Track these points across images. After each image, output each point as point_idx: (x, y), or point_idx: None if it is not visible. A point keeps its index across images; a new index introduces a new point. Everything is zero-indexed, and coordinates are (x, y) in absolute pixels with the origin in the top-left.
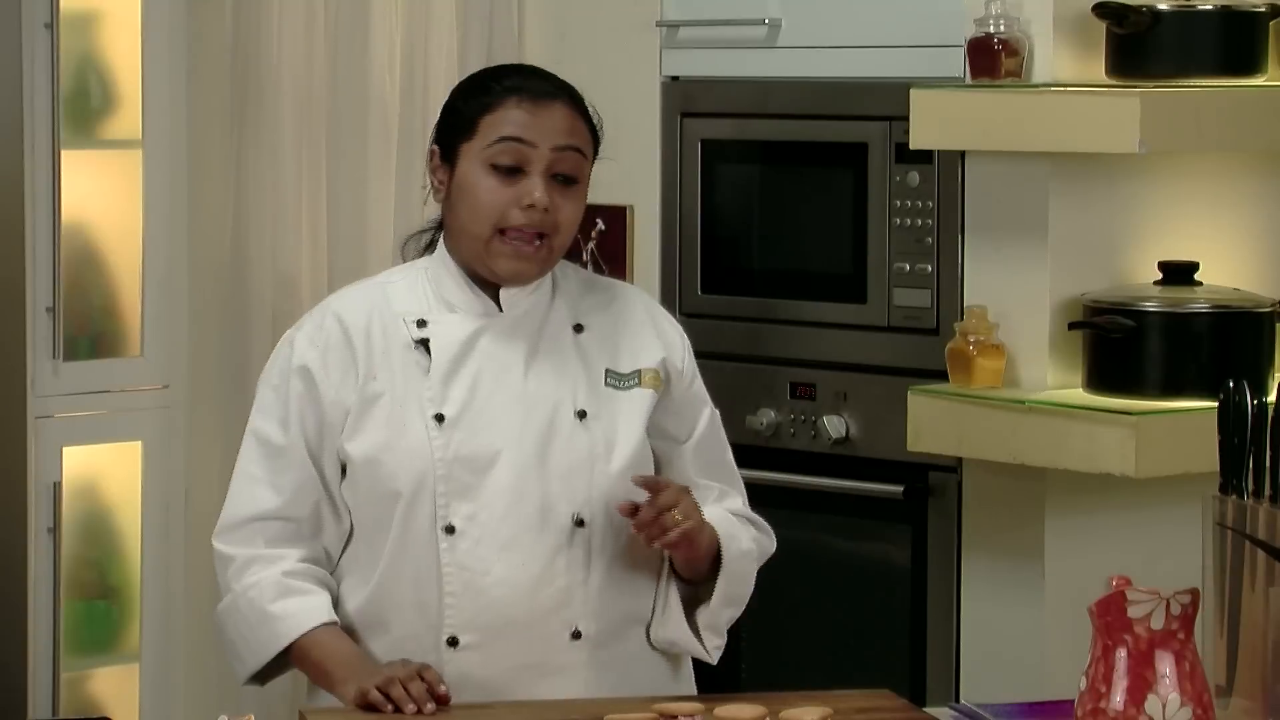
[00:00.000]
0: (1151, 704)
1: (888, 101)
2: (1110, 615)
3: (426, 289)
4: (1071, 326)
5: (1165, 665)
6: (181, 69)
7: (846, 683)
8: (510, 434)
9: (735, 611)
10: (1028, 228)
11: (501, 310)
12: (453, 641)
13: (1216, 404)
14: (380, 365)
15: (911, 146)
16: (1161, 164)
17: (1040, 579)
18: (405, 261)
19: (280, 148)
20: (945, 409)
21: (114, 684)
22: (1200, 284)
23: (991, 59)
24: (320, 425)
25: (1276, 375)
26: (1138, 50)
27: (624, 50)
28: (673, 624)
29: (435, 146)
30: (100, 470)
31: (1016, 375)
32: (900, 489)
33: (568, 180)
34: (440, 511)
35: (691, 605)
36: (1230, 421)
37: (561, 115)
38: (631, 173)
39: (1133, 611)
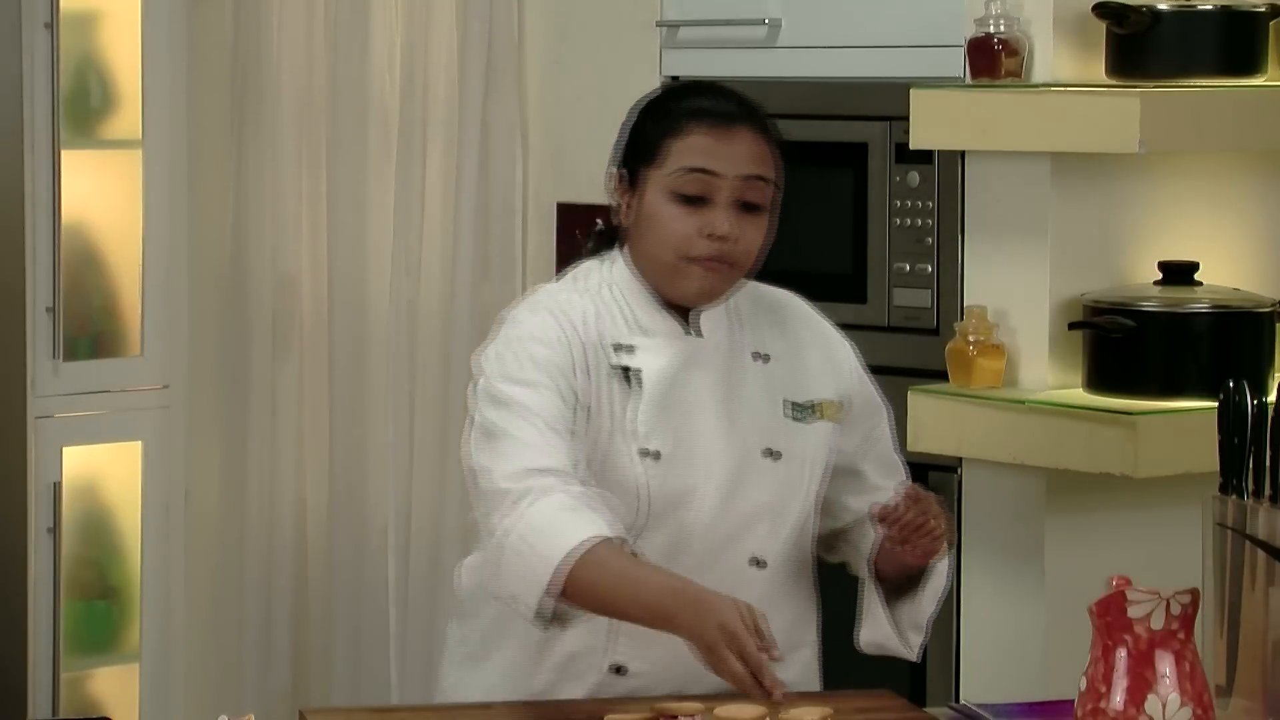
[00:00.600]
0: (1151, 704)
1: (888, 101)
2: (1110, 615)
3: (615, 310)
4: (1071, 326)
5: (1165, 665)
6: (181, 69)
7: (846, 683)
8: (710, 471)
9: (936, 609)
10: (1028, 228)
11: (693, 334)
12: (619, 669)
13: (1216, 404)
14: (591, 387)
15: (911, 146)
16: (1161, 164)
17: (1040, 579)
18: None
19: (280, 148)
20: (945, 409)
21: (114, 684)
22: (1200, 284)
23: (991, 59)
24: (569, 389)
25: (1276, 375)
26: (1138, 50)
27: (624, 50)
28: (880, 628)
29: (619, 170)
30: (100, 470)
31: (1016, 375)
32: None
33: (753, 208)
34: (635, 541)
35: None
36: (1230, 421)
37: (748, 142)
38: None
39: (1133, 611)
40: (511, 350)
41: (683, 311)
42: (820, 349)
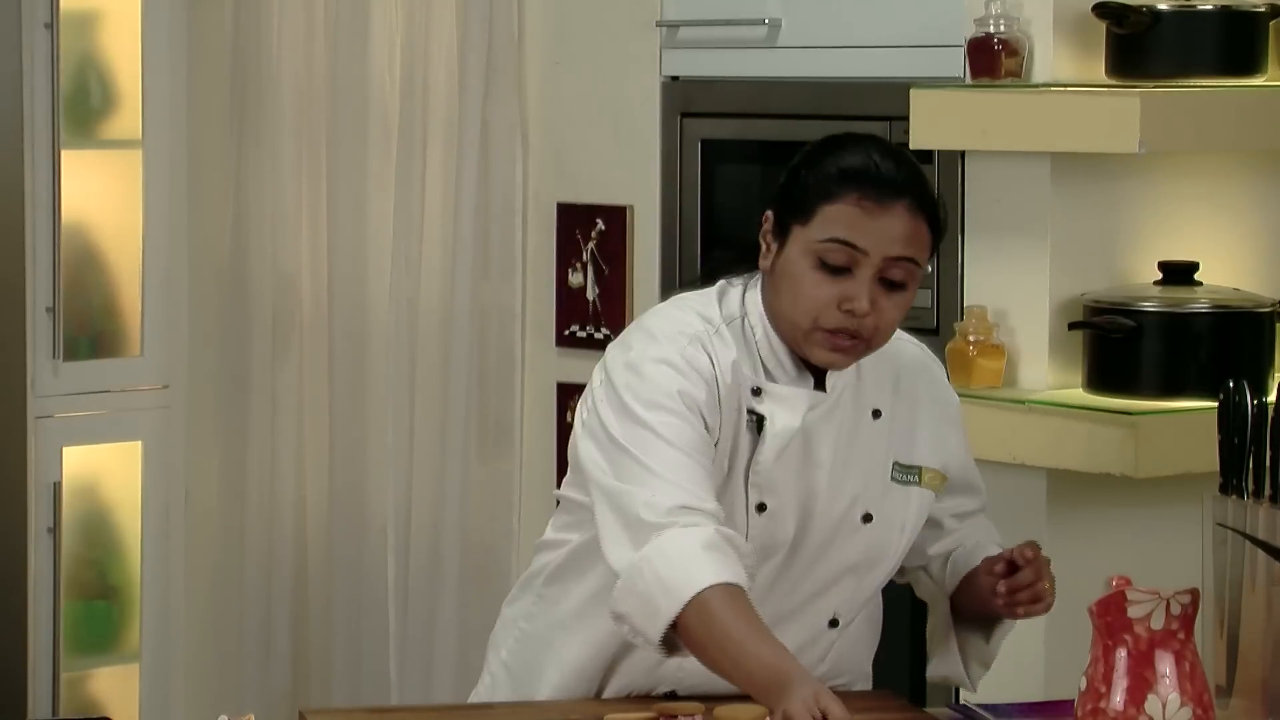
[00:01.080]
0: (1151, 704)
1: (888, 101)
2: (1110, 615)
3: (753, 349)
4: (1071, 326)
5: (1165, 665)
6: (181, 69)
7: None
8: (804, 524)
9: (1000, 648)
10: (1028, 228)
11: (822, 389)
12: (671, 695)
13: (1216, 404)
14: (723, 423)
15: (911, 146)
16: (1161, 164)
17: None
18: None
19: (280, 148)
20: None
21: (114, 684)
22: (1200, 284)
23: (991, 59)
24: (705, 423)
25: (1276, 375)
26: (1138, 50)
27: (624, 50)
28: (952, 663)
29: (771, 214)
30: (100, 470)
31: (1016, 375)
32: None
33: (896, 285)
34: None
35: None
36: (1230, 421)
37: (901, 221)
38: (631, 173)
39: (1133, 611)
40: (649, 371)
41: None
42: (935, 415)
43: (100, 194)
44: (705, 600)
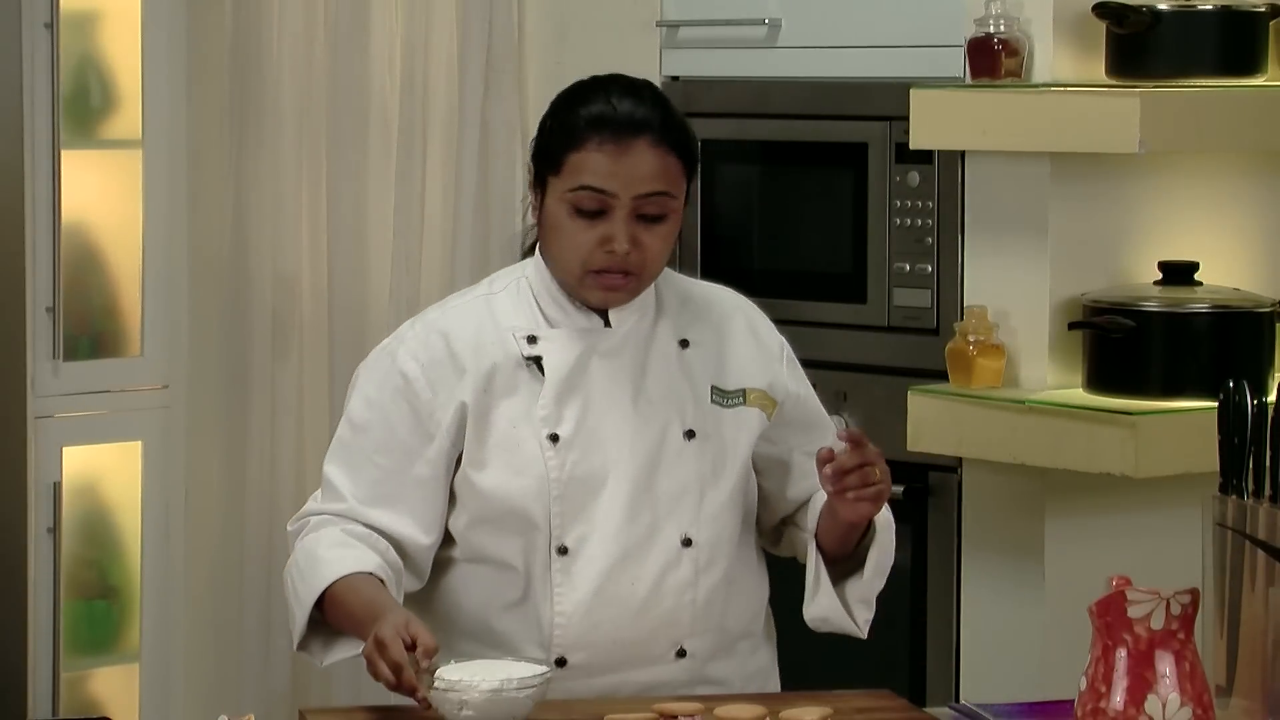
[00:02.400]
0: (1151, 704)
1: (888, 101)
2: (1110, 615)
3: (532, 301)
4: (1071, 326)
5: (1165, 665)
6: (181, 69)
7: (846, 683)
8: (621, 454)
9: (882, 582)
10: (1028, 228)
11: (608, 325)
12: (561, 662)
13: (1216, 404)
14: (493, 381)
15: (911, 146)
16: (1161, 164)
17: (1040, 579)
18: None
19: (280, 147)
20: (945, 409)
21: (114, 684)
22: (1200, 284)
23: (991, 59)
24: (413, 430)
25: (1276, 375)
26: (1138, 50)
27: (624, 50)
28: (826, 601)
29: (530, 165)
30: (100, 470)
31: (1016, 375)
32: (900, 489)
33: (654, 218)
34: (555, 532)
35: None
36: (1230, 421)
37: (646, 158)
38: None
39: (1133, 611)
40: (366, 395)
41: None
42: (751, 342)
43: (100, 194)
44: (338, 588)
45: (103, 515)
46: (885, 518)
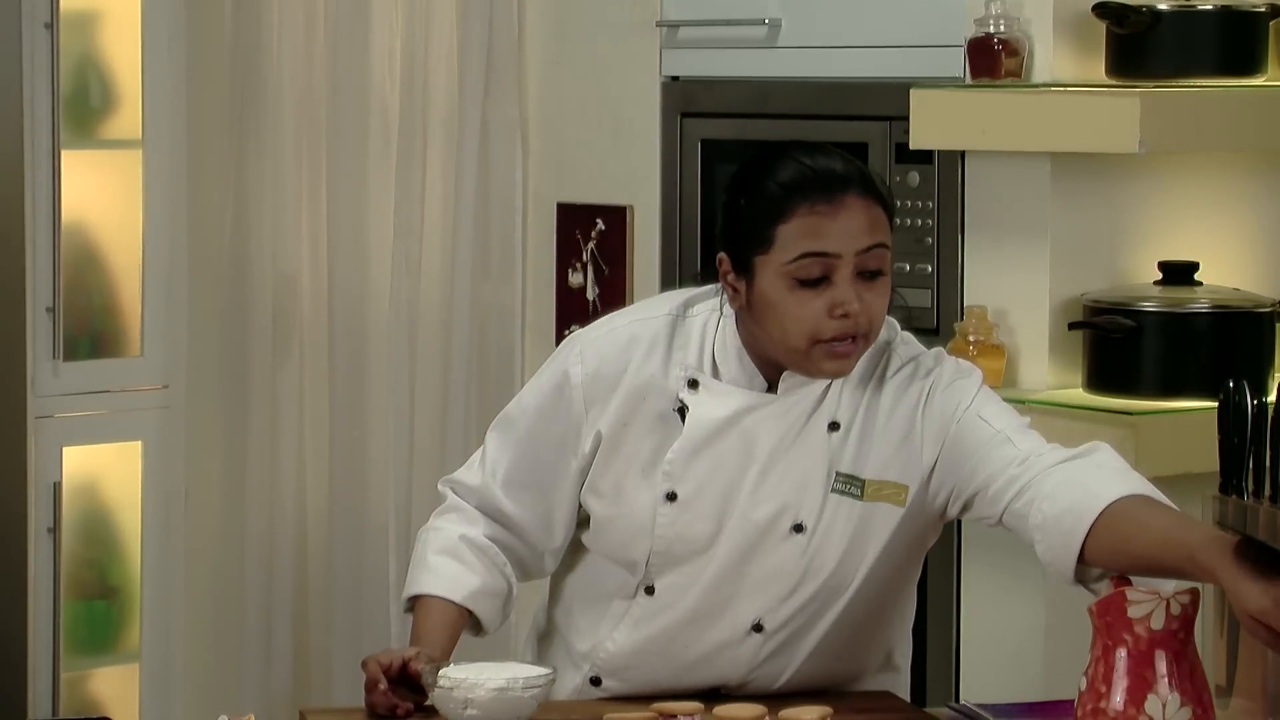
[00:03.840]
0: (1151, 704)
1: (888, 101)
2: (1110, 615)
3: (711, 343)
4: (1071, 326)
5: (1165, 665)
6: (181, 69)
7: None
8: (728, 527)
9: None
10: (1028, 228)
11: (774, 391)
12: (595, 681)
13: (1216, 404)
14: (637, 411)
15: (911, 146)
16: (1161, 164)
17: (1040, 579)
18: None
19: (280, 148)
20: None
21: (114, 684)
22: (1200, 284)
23: (991, 59)
24: (564, 433)
25: (1276, 375)
26: (1138, 50)
27: (624, 50)
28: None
29: (725, 255)
30: (100, 470)
31: (1016, 375)
32: None
33: (874, 274)
34: (648, 572)
35: None
36: (1230, 421)
37: (858, 210)
38: (631, 173)
39: (1133, 611)
40: (540, 379)
41: (775, 367)
42: (914, 429)
43: (100, 194)
44: (422, 602)
45: (102, 515)
46: None
